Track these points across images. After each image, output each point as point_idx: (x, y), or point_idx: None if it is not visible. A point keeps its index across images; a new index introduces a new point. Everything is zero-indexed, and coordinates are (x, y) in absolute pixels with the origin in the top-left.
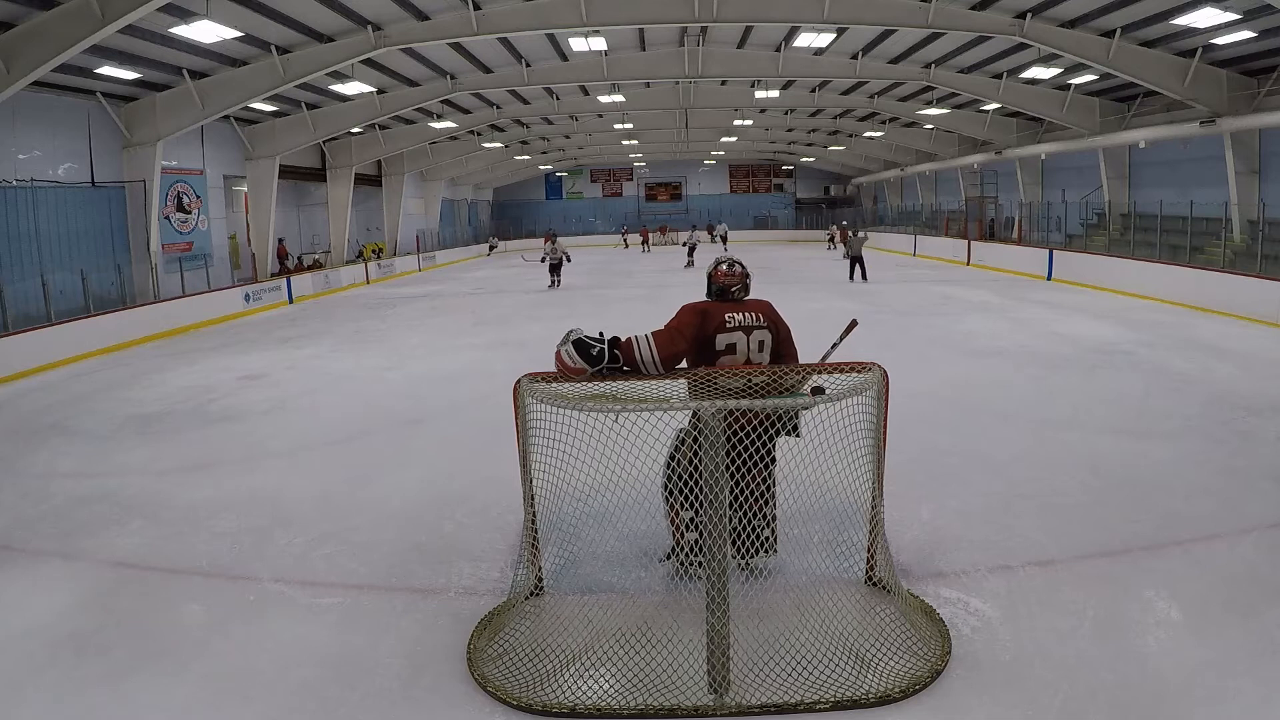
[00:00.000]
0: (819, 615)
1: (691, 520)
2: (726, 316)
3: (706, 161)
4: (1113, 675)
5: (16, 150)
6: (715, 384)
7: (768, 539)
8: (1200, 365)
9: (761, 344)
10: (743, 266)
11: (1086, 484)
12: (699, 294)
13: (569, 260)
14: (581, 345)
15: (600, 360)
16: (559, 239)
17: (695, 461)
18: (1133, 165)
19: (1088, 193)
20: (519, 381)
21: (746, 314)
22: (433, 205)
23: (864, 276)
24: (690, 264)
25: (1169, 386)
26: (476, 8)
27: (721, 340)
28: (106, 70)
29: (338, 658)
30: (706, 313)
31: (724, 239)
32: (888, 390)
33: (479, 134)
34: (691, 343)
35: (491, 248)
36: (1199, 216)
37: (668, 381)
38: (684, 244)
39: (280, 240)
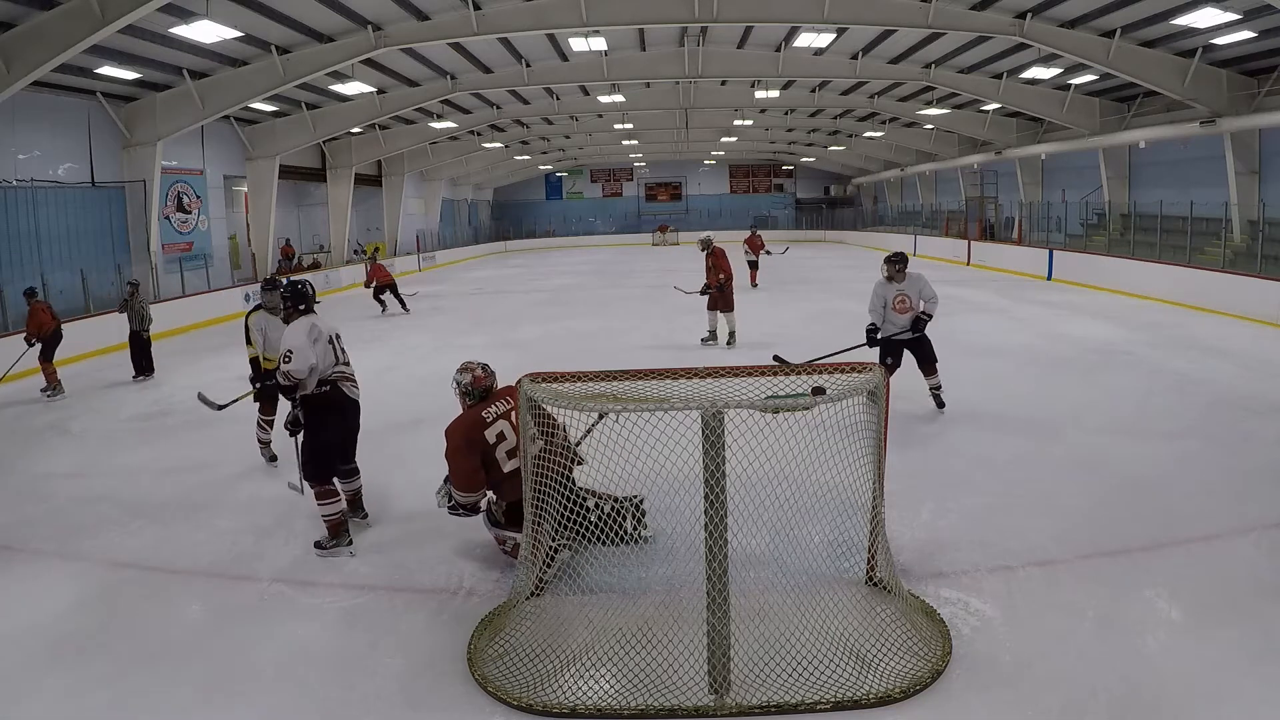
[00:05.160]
0: (819, 615)
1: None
2: (484, 414)
3: (706, 161)
4: (1113, 675)
5: (16, 150)
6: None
7: (636, 515)
8: (1200, 365)
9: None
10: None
11: (1086, 484)
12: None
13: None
14: (455, 507)
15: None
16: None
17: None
18: (1133, 165)
19: (1088, 193)
20: (519, 381)
21: (499, 403)
22: (433, 205)
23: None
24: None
25: (1169, 387)
26: (476, 8)
27: (490, 434)
28: (106, 70)
29: (338, 658)
30: (469, 423)
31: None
32: (888, 390)
33: (479, 134)
34: (474, 454)
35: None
36: (1199, 216)
37: (668, 381)
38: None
39: (286, 240)
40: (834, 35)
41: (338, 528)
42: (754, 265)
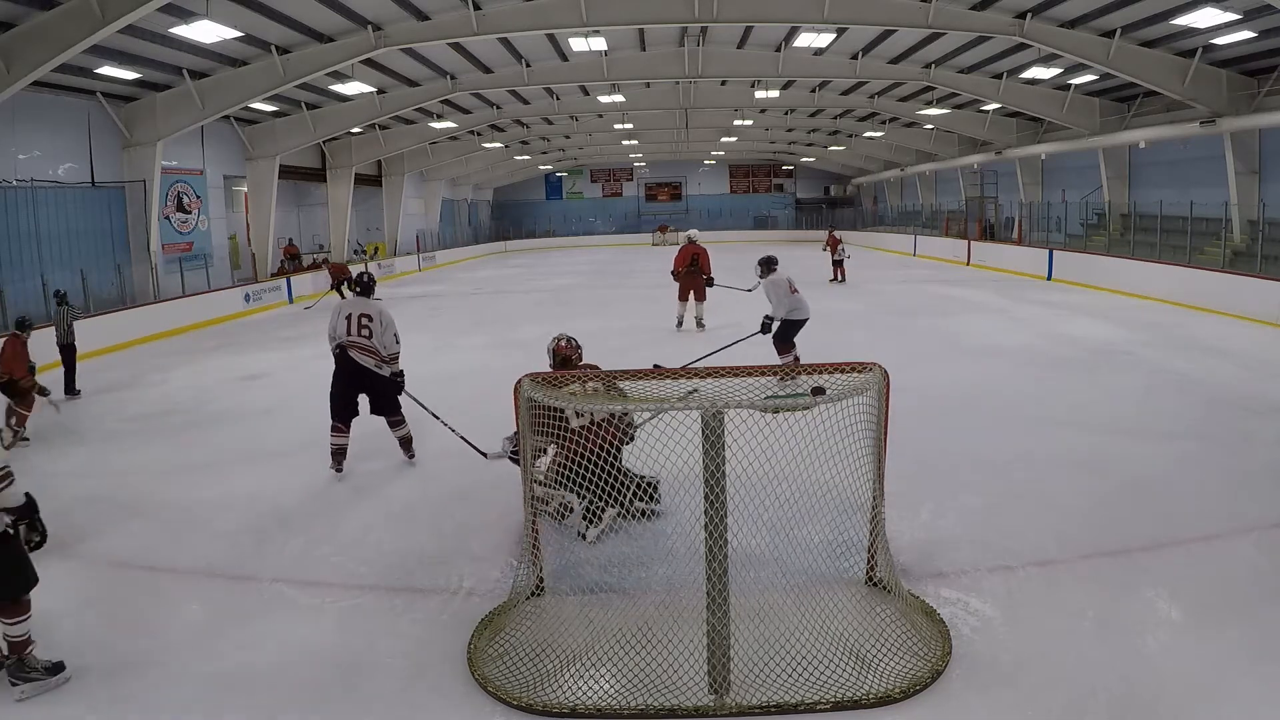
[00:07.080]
0: (819, 615)
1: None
2: (560, 375)
3: (706, 161)
4: (1113, 675)
5: (16, 150)
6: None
7: (647, 494)
8: (1200, 365)
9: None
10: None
11: (1086, 484)
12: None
13: None
14: (515, 452)
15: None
16: None
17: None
18: (1133, 165)
19: (1088, 193)
20: (519, 382)
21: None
22: (433, 205)
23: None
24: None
25: (1169, 387)
26: (476, 8)
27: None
28: (106, 70)
29: (338, 658)
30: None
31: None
32: (888, 390)
33: (479, 134)
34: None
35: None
36: (1199, 216)
37: (668, 381)
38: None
39: (289, 240)
40: (834, 35)
41: (333, 456)
42: (835, 263)
